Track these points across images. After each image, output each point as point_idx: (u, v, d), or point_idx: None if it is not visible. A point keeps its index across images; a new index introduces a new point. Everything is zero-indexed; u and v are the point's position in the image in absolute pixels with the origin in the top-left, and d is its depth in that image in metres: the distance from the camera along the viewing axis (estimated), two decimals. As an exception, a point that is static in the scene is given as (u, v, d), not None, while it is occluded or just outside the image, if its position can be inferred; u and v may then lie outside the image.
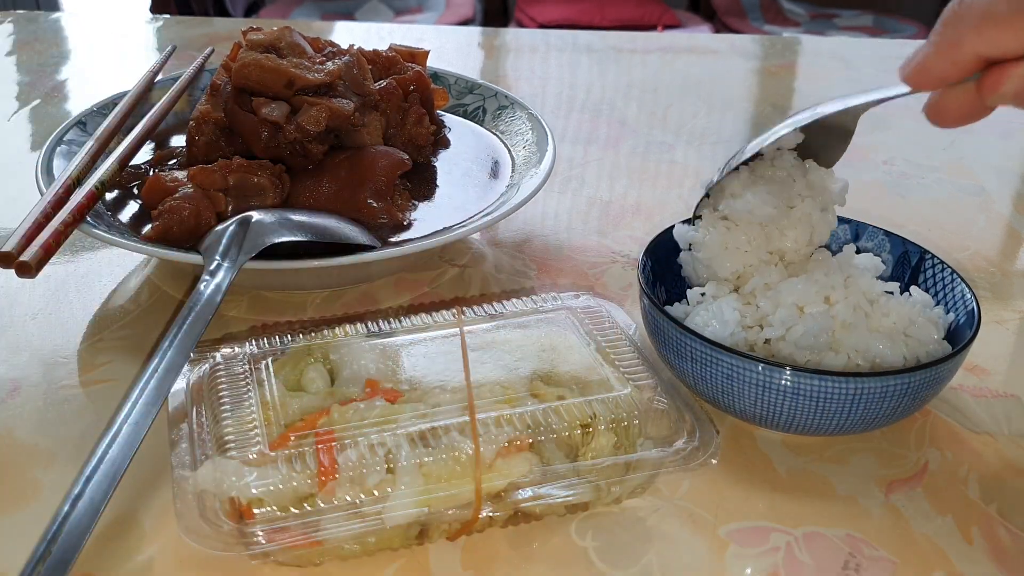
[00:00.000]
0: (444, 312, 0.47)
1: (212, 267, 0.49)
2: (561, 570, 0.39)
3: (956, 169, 0.81)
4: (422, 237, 0.57)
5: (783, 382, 0.42)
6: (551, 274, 0.62)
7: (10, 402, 0.49)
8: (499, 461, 0.38)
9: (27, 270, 0.48)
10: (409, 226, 0.59)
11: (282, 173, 0.59)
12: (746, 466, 0.46)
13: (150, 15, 1.35)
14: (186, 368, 0.43)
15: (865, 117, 0.47)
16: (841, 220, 0.54)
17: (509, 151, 0.69)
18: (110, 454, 0.38)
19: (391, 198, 0.60)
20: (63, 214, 0.52)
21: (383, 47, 0.71)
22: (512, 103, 0.74)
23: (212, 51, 0.81)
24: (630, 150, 0.84)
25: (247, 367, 0.43)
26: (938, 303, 0.50)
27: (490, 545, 0.40)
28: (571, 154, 0.82)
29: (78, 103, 0.90)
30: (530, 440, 0.39)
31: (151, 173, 0.61)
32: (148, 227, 0.56)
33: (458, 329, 0.44)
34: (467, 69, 0.85)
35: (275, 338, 0.45)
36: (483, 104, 0.76)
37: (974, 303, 0.47)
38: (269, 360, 0.43)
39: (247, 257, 0.51)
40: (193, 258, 0.52)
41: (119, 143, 0.63)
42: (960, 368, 0.46)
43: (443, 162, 0.69)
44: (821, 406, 0.42)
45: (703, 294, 0.50)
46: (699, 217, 0.51)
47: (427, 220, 0.60)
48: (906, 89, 0.41)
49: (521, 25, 2.76)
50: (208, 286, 0.48)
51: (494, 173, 0.67)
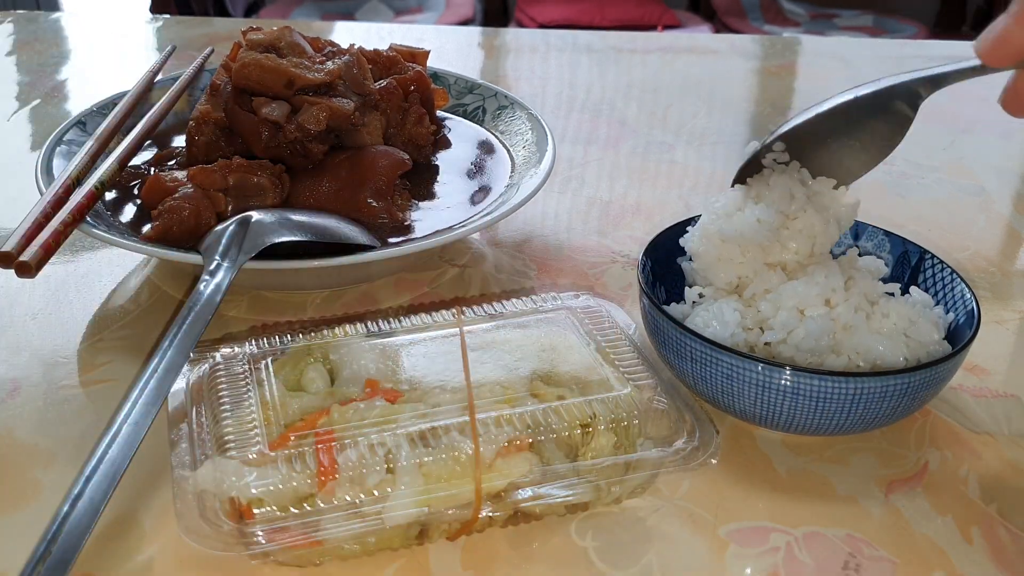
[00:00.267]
0: (444, 312, 0.47)
1: (212, 267, 0.49)
2: (561, 570, 0.40)
3: (956, 169, 0.81)
4: (422, 237, 0.57)
5: (783, 382, 0.42)
6: (551, 274, 0.62)
7: (10, 402, 0.49)
8: (499, 461, 0.38)
9: (27, 270, 0.48)
10: (409, 226, 0.59)
11: (282, 173, 0.59)
12: (746, 466, 0.46)
13: (150, 15, 1.35)
14: (186, 368, 0.43)
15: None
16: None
17: (509, 151, 0.69)
18: (110, 454, 0.38)
19: (391, 198, 0.60)
20: (63, 214, 0.52)
21: (383, 47, 0.71)
22: (512, 103, 0.74)
23: (212, 51, 0.81)
24: (630, 150, 0.84)
25: (247, 367, 0.43)
26: (938, 303, 0.50)
27: (490, 545, 0.40)
28: (571, 154, 0.82)
29: (78, 103, 0.90)
30: (530, 440, 0.39)
31: (151, 173, 0.61)
32: (148, 227, 0.56)
33: (458, 329, 0.44)
34: (467, 69, 0.85)
35: (275, 338, 0.45)
36: (483, 104, 0.76)
37: (974, 303, 0.47)
38: (269, 360, 0.43)
39: (247, 257, 0.51)
40: (193, 258, 0.52)
41: (119, 143, 0.63)
42: (960, 368, 0.46)
43: (443, 162, 0.69)
44: (821, 406, 0.42)
45: (701, 295, 0.50)
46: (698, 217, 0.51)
47: (427, 220, 0.60)
48: (978, 62, 0.38)
49: (521, 25, 2.76)
50: (208, 286, 0.48)
51: (494, 174, 0.67)
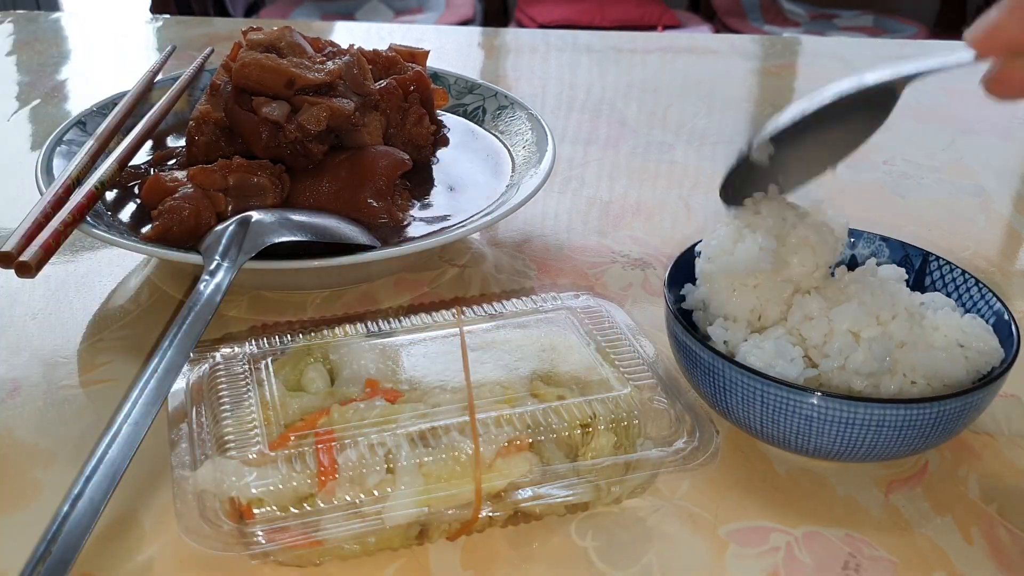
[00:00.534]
0: (444, 312, 0.47)
1: (212, 267, 0.49)
2: (561, 570, 0.39)
3: (956, 169, 0.81)
4: (422, 237, 0.57)
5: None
6: (551, 274, 0.62)
7: (10, 402, 0.49)
8: (499, 461, 0.38)
9: (27, 270, 0.48)
10: (409, 226, 0.59)
11: (282, 173, 0.59)
12: (746, 466, 0.46)
13: (150, 15, 1.35)
14: (186, 368, 0.43)
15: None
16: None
17: (509, 151, 0.69)
18: (110, 454, 0.38)
19: (391, 198, 0.60)
20: (63, 214, 0.52)
21: (383, 47, 0.71)
22: (512, 103, 0.74)
23: (212, 51, 0.81)
24: (630, 150, 0.84)
25: (247, 367, 0.43)
26: (959, 306, 0.49)
27: (490, 545, 0.40)
28: (571, 154, 0.82)
29: (78, 103, 0.90)
30: (530, 440, 0.39)
31: (151, 173, 0.61)
32: (148, 227, 0.56)
33: (458, 329, 0.44)
34: (467, 69, 0.85)
35: (275, 338, 0.45)
36: (483, 104, 0.76)
37: (998, 303, 0.47)
38: (269, 360, 0.43)
39: (247, 257, 0.51)
40: (193, 258, 0.52)
41: (119, 143, 0.63)
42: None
43: (443, 162, 0.69)
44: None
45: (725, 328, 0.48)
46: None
47: (427, 220, 0.60)
48: (967, 57, 0.38)
49: (521, 25, 2.76)
50: (208, 286, 0.48)
51: (494, 173, 0.67)
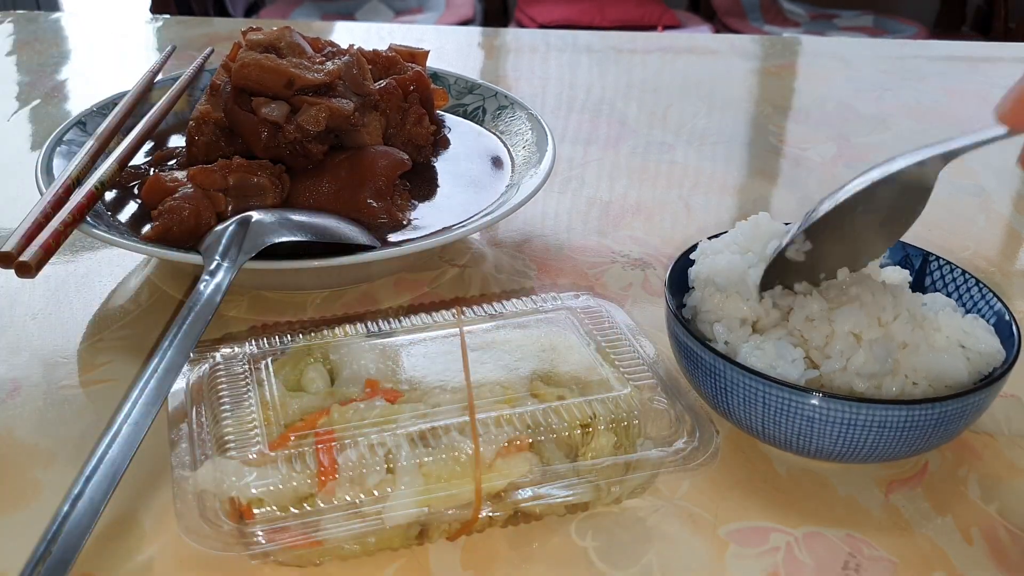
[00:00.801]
0: (444, 312, 0.47)
1: (212, 267, 0.49)
2: (561, 570, 0.39)
3: (956, 169, 0.81)
4: (422, 237, 0.57)
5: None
6: (551, 274, 0.62)
7: (10, 402, 0.49)
8: (499, 461, 0.38)
9: (27, 270, 0.48)
10: (409, 226, 0.59)
11: (282, 173, 0.59)
12: (746, 466, 0.46)
13: (150, 15, 1.35)
14: (186, 368, 0.43)
15: (865, 118, 0.47)
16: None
17: (509, 151, 0.69)
18: (110, 454, 0.38)
19: (391, 198, 0.60)
20: (63, 214, 0.52)
21: (383, 47, 0.71)
22: (512, 103, 0.74)
23: (212, 51, 0.81)
24: (630, 150, 0.84)
25: (247, 367, 0.43)
26: (960, 306, 0.49)
27: (490, 545, 0.40)
28: (571, 154, 0.82)
29: (78, 103, 0.90)
30: (530, 440, 0.39)
31: (151, 173, 0.61)
32: (148, 227, 0.56)
33: (458, 329, 0.44)
34: (467, 69, 0.85)
35: (275, 338, 0.45)
36: (483, 104, 0.76)
37: (999, 303, 0.46)
38: (269, 360, 0.43)
39: (247, 257, 0.51)
40: (193, 258, 0.52)
41: (119, 143, 0.63)
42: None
43: (443, 162, 0.69)
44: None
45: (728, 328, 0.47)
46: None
47: (427, 220, 0.60)
48: (1001, 131, 0.37)
49: (521, 25, 2.76)
50: (208, 286, 0.48)
51: (494, 173, 0.67)
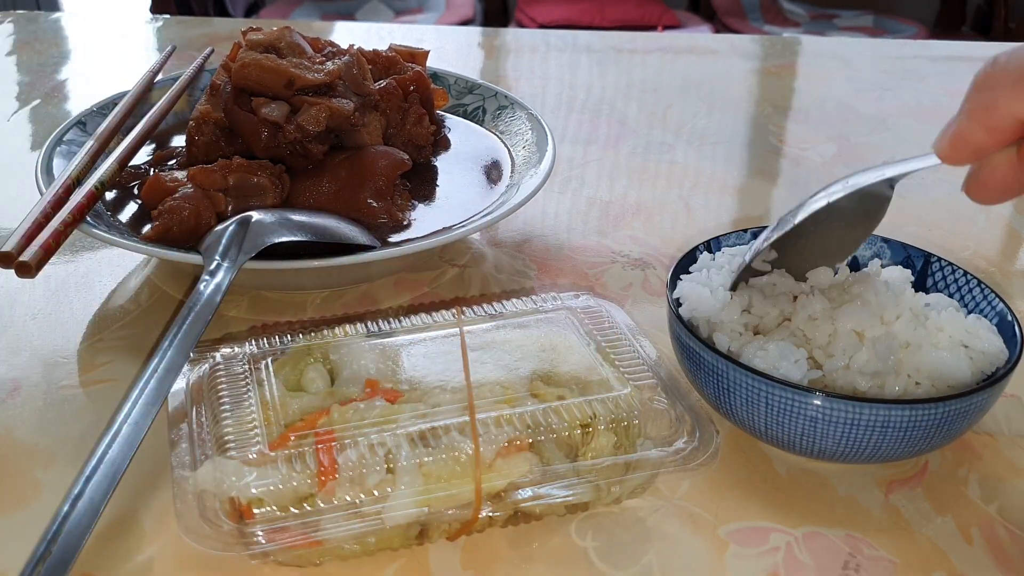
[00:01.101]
0: (444, 312, 0.47)
1: (212, 267, 0.49)
2: (561, 570, 0.39)
3: (956, 169, 0.81)
4: (422, 237, 0.57)
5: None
6: (551, 274, 0.62)
7: (10, 402, 0.49)
8: (499, 461, 0.38)
9: (27, 270, 0.48)
10: (409, 226, 0.59)
11: (282, 173, 0.59)
12: (746, 466, 0.46)
13: (150, 15, 1.35)
14: (186, 368, 0.43)
15: (865, 118, 0.47)
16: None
17: (509, 151, 0.69)
18: (110, 454, 0.38)
19: (391, 198, 0.60)
20: (63, 214, 0.52)
21: (383, 47, 0.71)
22: (512, 103, 0.74)
23: (212, 51, 0.81)
24: (630, 150, 0.84)
25: (247, 367, 0.43)
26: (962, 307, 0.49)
27: (490, 545, 0.40)
28: (571, 154, 0.82)
29: (78, 103, 0.90)
30: (530, 440, 0.39)
31: (151, 173, 0.61)
32: (148, 227, 0.56)
33: (458, 329, 0.44)
34: (467, 69, 0.85)
35: (275, 338, 0.45)
36: (483, 104, 0.76)
37: (1001, 304, 0.46)
38: (269, 360, 0.43)
39: (247, 257, 0.51)
40: (193, 258, 0.52)
41: (119, 143, 0.63)
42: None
43: (443, 162, 0.69)
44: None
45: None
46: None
47: (427, 220, 0.60)
48: (937, 161, 0.38)
49: (521, 25, 2.76)
50: (208, 286, 0.48)
51: (494, 173, 0.67)
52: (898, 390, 0.43)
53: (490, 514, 0.39)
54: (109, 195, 0.61)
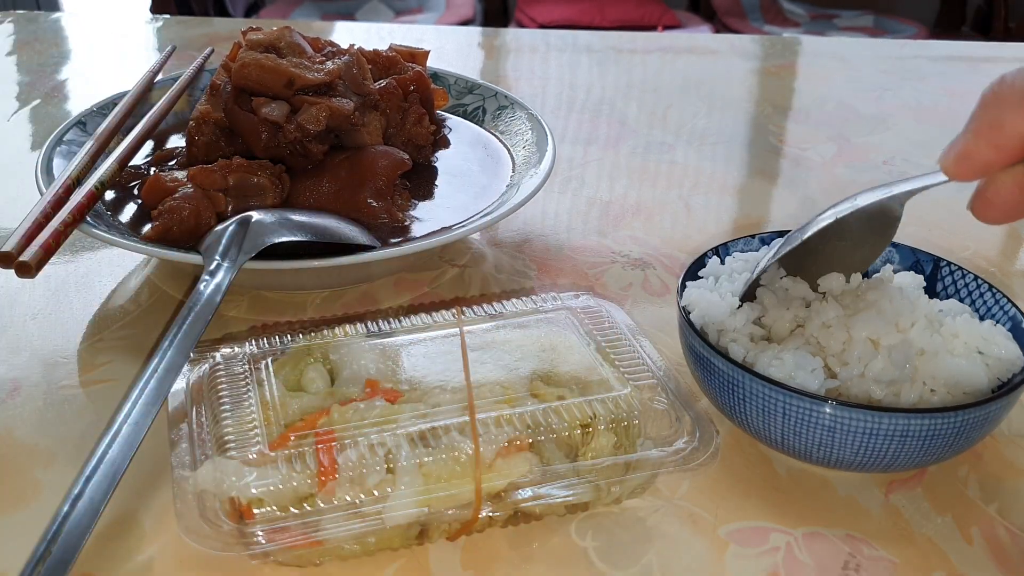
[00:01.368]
0: (444, 312, 0.47)
1: (212, 267, 0.49)
2: (561, 570, 0.39)
3: (956, 169, 0.81)
4: (422, 237, 0.57)
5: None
6: (551, 274, 0.62)
7: (10, 402, 0.49)
8: (499, 461, 0.38)
9: (27, 270, 0.48)
10: (409, 226, 0.59)
11: (282, 173, 0.59)
12: (746, 466, 0.46)
13: (150, 15, 1.35)
14: (186, 368, 0.43)
15: (865, 118, 0.47)
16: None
17: (509, 151, 0.69)
18: (110, 454, 0.38)
19: (391, 198, 0.60)
20: (63, 214, 0.52)
21: (383, 47, 0.71)
22: (512, 103, 0.74)
23: (212, 51, 0.81)
24: (630, 150, 0.84)
25: (247, 367, 0.43)
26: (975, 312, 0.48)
27: (490, 545, 0.40)
28: (571, 154, 0.82)
29: (78, 103, 0.90)
30: (530, 440, 0.39)
31: (151, 173, 0.61)
32: (148, 227, 0.56)
33: (458, 329, 0.44)
34: (467, 69, 0.85)
35: (275, 338, 0.45)
36: (483, 104, 0.76)
37: (1014, 309, 0.46)
38: (269, 360, 0.43)
39: (247, 257, 0.51)
40: (193, 258, 0.52)
41: (119, 143, 0.63)
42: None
43: (443, 162, 0.69)
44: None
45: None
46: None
47: (427, 220, 0.60)
48: (944, 178, 0.38)
49: (521, 25, 2.76)
50: (208, 286, 0.48)
51: (494, 174, 0.67)
52: (914, 398, 0.42)
53: (490, 514, 0.39)
54: (109, 195, 0.61)
